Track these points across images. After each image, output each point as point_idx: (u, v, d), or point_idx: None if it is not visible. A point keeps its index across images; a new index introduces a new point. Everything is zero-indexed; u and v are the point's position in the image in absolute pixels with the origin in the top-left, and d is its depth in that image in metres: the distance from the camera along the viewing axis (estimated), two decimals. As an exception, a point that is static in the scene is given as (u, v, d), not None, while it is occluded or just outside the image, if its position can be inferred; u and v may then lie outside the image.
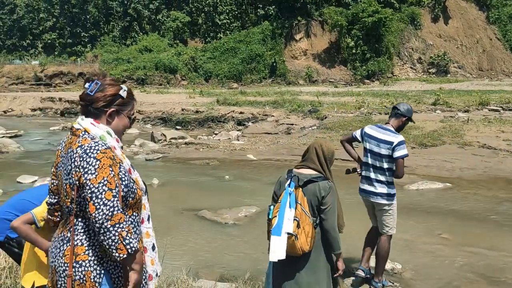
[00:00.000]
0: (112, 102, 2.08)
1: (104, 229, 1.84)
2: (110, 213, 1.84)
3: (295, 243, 2.96)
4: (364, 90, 27.47)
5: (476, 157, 11.02)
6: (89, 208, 1.85)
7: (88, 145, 1.93)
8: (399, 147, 4.29)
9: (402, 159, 4.30)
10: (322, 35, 45.10)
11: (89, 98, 2.04)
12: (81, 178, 1.89)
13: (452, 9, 46.91)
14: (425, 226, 6.64)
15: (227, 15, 48.18)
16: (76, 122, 2.05)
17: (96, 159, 1.90)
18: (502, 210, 7.39)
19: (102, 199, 1.85)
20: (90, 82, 2.05)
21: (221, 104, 19.79)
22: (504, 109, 16.77)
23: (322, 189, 3.08)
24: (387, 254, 4.66)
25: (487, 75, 44.41)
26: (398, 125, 4.51)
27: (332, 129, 15.01)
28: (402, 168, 4.33)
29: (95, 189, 1.85)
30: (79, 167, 1.90)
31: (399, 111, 4.50)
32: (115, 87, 2.10)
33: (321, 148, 3.24)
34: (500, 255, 5.55)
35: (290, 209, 3.02)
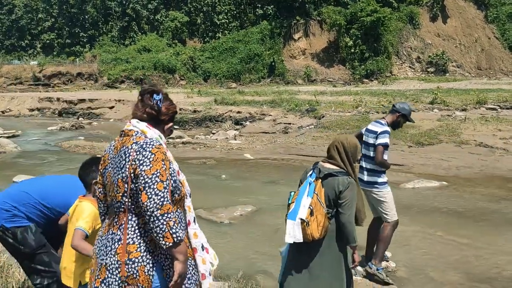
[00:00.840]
0: (172, 118, 2.31)
1: (154, 217, 1.97)
2: (160, 202, 1.98)
3: (306, 229, 3.14)
4: (362, 89, 27.47)
5: (473, 155, 11.03)
6: (142, 197, 1.99)
7: (144, 141, 2.10)
8: (381, 135, 4.63)
9: (382, 146, 4.60)
10: (321, 35, 45.07)
11: (159, 109, 2.22)
12: (136, 170, 2.03)
13: (450, 8, 46.90)
14: (420, 224, 6.63)
15: (225, 15, 48.15)
16: (129, 125, 2.21)
17: (151, 153, 2.05)
18: (498, 209, 7.38)
19: (154, 189, 1.99)
20: (157, 94, 2.22)
21: (219, 103, 19.78)
22: (502, 107, 16.77)
23: (340, 184, 3.22)
24: (387, 239, 4.80)
25: (486, 74, 44.40)
26: (393, 121, 4.83)
27: (330, 128, 15.00)
28: (380, 155, 4.60)
29: (148, 179, 1.99)
30: (135, 160, 2.05)
31: (394, 107, 4.87)
32: (174, 104, 2.32)
33: (342, 144, 3.35)
34: (494, 254, 5.54)
35: (307, 197, 3.21)
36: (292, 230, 3.19)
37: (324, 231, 3.23)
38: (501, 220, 6.80)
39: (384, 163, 4.71)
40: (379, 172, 4.75)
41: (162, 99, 2.22)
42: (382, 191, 4.74)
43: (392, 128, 4.94)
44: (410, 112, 4.93)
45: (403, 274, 5.08)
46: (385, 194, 4.75)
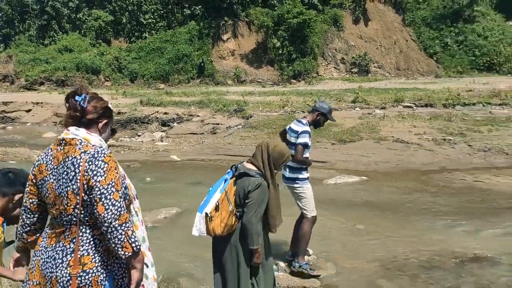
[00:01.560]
0: (103, 114, 2.22)
1: (112, 228, 1.96)
2: (118, 213, 1.96)
3: (209, 224, 3.22)
4: (290, 89, 28.07)
5: (390, 151, 11.61)
6: (98, 208, 1.96)
7: (94, 150, 2.06)
8: (302, 135, 4.78)
9: (302, 146, 4.75)
10: (249, 36, 45.42)
11: (82, 109, 2.15)
12: (90, 181, 1.98)
13: (371, 12, 49.16)
14: (341, 218, 6.86)
15: (152, 14, 47.05)
16: (69, 133, 2.12)
17: (104, 162, 2.02)
18: (412, 200, 7.83)
19: (111, 199, 1.96)
20: (79, 95, 2.16)
21: (145, 104, 19.26)
22: (417, 105, 17.80)
23: (251, 184, 3.23)
24: (307, 235, 4.92)
25: (404, 74, 46.98)
26: (313, 119, 4.98)
27: (257, 128, 15.13)
28: (299, 154, 4.75)
29: (104, 190, 1.96)
30: (88, 171, 2.00)
31: (314, 106, 5.06)
32: (103, 100, 2.25)
33: (267, 147, 3.39)
34: (407, 243, 5.86)
35: (219, 193, 3.29)
36: (198, 223, 3.27)
37: (227, 228, 3.25)
38: (413, 210, 7.22)
39: (304, 161, 4.86)
40: (300, 169, 4.89)
41: (86, 99, 2.16)
42: (302, 187, 4.88)
43: (314, 127, 5.08)
44: (330, 110, 5.06)
45: (324, 267, 5.22)
46: (305, 190, 4.88)
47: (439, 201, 7.65)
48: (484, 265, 5.09)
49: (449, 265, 5.10)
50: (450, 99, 17.95)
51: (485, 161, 10.49)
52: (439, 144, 11.90)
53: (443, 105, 17.42)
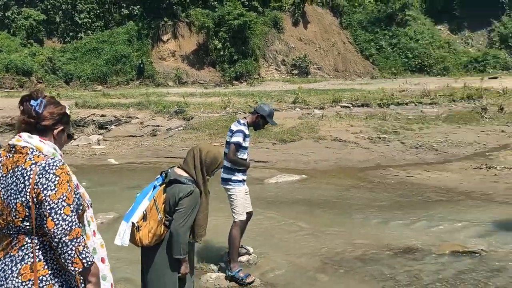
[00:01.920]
0: (59, 121, 2.12)
1: (62, 243, 1.90)
2: (68, 228, 1.91)
3: (136, 234, 3.06)
4: (231, 90, 28.12)
5: (329, 149, 11.93)
6: (48, 223, 1.90)
7: (45, 162, 1.96)
8: (235, 134, 4.76)
9: (234, 145, 4.72)
10: (190, 37, 44.96)
11: (38, 115, 2.04)
12: (40, 195, 1.91)
13: (310, 15, 50.30)
14: (282, 216, 6.93)
15: (88, 14, 45.31)
16: (20, 139, 2.02)
17: (55, 175, 1.94)
18: (349, 196, 8.07)
19: (61, 214, 1.91)
20: (35, 99, 2.05)
21: (80, 107, 18.49)
22: (354, 105, 18.43)
23: (182, 191, 3.09)
24: (236, 240, 4.84)
25: (342, 75, 48.46)
26: (253, 121, 4.96)
27: (199, 129, 15.01)
28: (231, 153, 4.73)
29: (54, 205, 1.90)
30: (38, 184, 1.92)
31: (255, 108, 5.04)
32: (60, 106, 2.15)
33: (200, 153, 3.25)
34: (345, 238, 6.02)
35: (147, 201, 3.12)
36: (122, 232, 3.08)
37: (155, 238, 3.11)
38: (350, 206, 7.44)
39: (236, 160, 4.78)
40: (234, 170, 4.84)
41: (42, 104, 2.05)
42: (234, 189, 4.83)
43: (254, 129, 5.11)
44: (271, 113, 4.98)
45: (265, 265, 5.24)
46: (236, 193, 4.83)
47: (374, 196, 7.95)
48: (416, 256, 5.33)
49: (383, 258, 5.29)
50: (385, 99, 18.74)
51: (417, 157, 11.04)
52: (375, 142, 12.38)
53: (378, 105, 18.15)
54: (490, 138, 12.90)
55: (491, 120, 15.37)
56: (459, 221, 6.43)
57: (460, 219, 6.53)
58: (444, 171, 9.55)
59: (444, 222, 6.44)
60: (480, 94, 19.37)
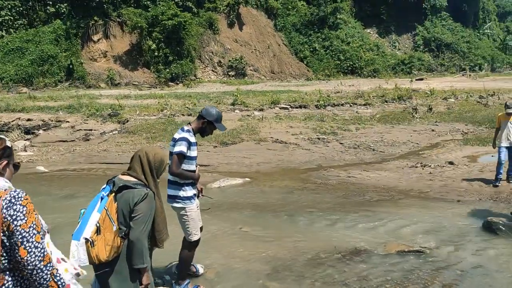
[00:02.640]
0: (2, 155, 2.15)
1: (37, 270, 1.99)
2: (41, 254, 2.00)
3: (91, 250, 2.83)
4: (168, 92, 27.45)
5: (271, 151, 11.89)
6: (20, 252, 1.96)
7: (10, 195, 2.02)
8: (178, 143, 4.17)
9: (177, 155, 4.13)
10: (122, 37, 43.48)
11: None
12: (10, 226, 1.97)
13: (245, 16, 50.51)
14: (227, 222, 6.74)
15: (9, 11, 42.43)
16: None
17: (22, 206, 2.01)
18: (293, 199, 8.03)
19: (33, 242, 1.99)
20: None
21: (4, 110, 17.15)
22: (292, 107, 18.62)
23: (136, 195, 2.92)
24: (188, 260, 4.53)
25: (278, 77, 49.12)
26: (198, 127, 4.37)
27: (135, 132, 14.43)
28: (174, 165, 4.12)
29: (26, 233, 1.98)
30: (6, 217, 1.97)
31: (200, 113, 4.41)
32: (0, 140, 2.15)
33: (146, 156, 3.11)
34: (293, 241, 5.94)
35: (97, 213, 2.90)
36: (75, 252, 2.83)
37: (113, 251, 2.87)
38: (296, 209, 7.39)
39: (182, 174, 4.19)
40: (182, 184, 4.24)
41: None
42: (185, 208, 4.25)
43: (201, 135, 4.54)
44: (219, 118, 4.44)
45: (213, 275, 5.03)
46: (188, 212, 4.26)
47: (318, 198, 7.96)
48: (364, 257, 5.35)
49: (333, 261, 5.26)
50: (321, 100, 19.10)
51: (356, 157, 11.28)
52: (314, 143, 12.52)
53: (316, 106, 18.47)
54: (422, 137, 13.50)
55: (421, 119, 16.13)
56: (401, 220, 6.58)
57: (402, 218, 6.68)
58: (382, 171, 9.81)
59: (387, 221, 6.56)
60: (409, 94, 20.31)
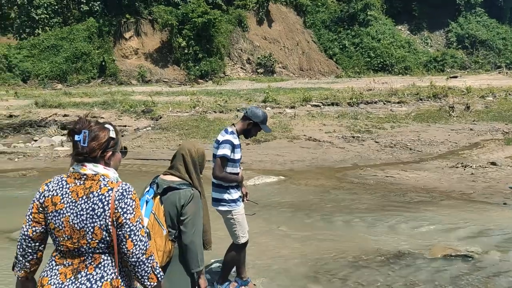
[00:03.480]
0: (107, 147, 2.18)
1: (140, 262, 2.11)
2: (144, 247, 2.12)
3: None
4: (198, 89, 27.61)
5: (304, 149, 11.75)
6: (127, 244, 2.08)
7: (122, 187, 2.12)
8: (221, 145, 4.01)
9: (220, 159, 3.98)
10: (153, 34, 44.02)
11: (85, 149, 2.10)
12: (120, 218, 2.07)
13: (274, 13, 50.32)
14: (264, 221, 6.65)
15: (45, 9, 43.52)
16: (85, 168, 2.12)
17: (132, 200, 2.12)
18: (330, 198, 7.87)
19: (139, 235, 2.11)
20: (78, 133, 2.09)
21: (41, 106, 17.56)
22: (324, 104, 18.38)
23: (182, 197, 2.83)
24: (234, 261, 4.39)
25: (307, 74, 48.78)
26: (243, 129, 4.20)
27: (168, 129, 14.53)
28: (217, 167, 3.99)
29: (133, 227, 2.09)
30: (118, 208, 2.07)
31: (246, 113, 4.21)
32: (104, 131, 2.17)
33: (190, 153, 3.01)
34: (333, 243, 5.80)
35: (147, 217, 2.76)
36: None
37: (166, 256, 2.79)
38: (333, 209, 7.24)
39: (226, 177, 4.04)
40: (226, 187, 4.10)
41: (86, 138, 2.10)
42: (231, 211, 4.11)
43: (244, 137, 4.36)
44: (265, 119, 4.24)
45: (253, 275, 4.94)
46: (234, 215, 4.12)
47: (356, 198, 7.79)
48: (408, 261, 5.16)
49: (376, 264, 5.10)
50: (354, 98, 18.79)
51: (392, 156, 11.01)
52: (349, 141, 12.30)
53: (348, 103, 18.18)
54: (460, 137, 13.09)
55: (458, 118, 15.66)
56: (446, 222, 6.35)
57: (446, 220, 6.44)
58: (421, 171, 9.53)
59: (430, 224, 6.34)
60: (445, 92, 19.76)
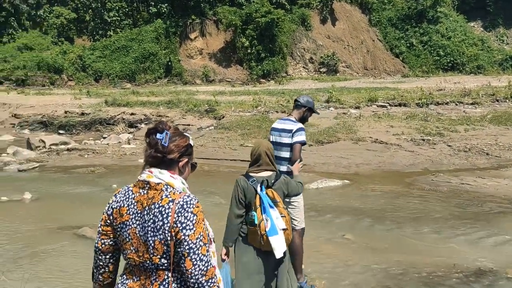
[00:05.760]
0: (185, 153, 2.12)
1: (198, 284, 1.95)
2: (205, 268, 1.94)
3: (288, 235, 3.41)
4: (261, 89, 27.58)
5: (370, 152, 11.23)
6: (186, 263, 1.93)
7: (183, 199, 1.96)
8: (297, 133, 4.38)
9: (300, 144, 4.37)
10: (217, 35, 44.72)
11: (164, 149, 2.03)
12: (178, 234, 1.92)
13: (338, 12, 49.36)
14: (328, 227, 6.35)
15: (117, 12, 45.58)
16: (152, 175, 2.01)
17: (193, 214, 1.95)
18: (399, 205, 7.40)
19: (199, 254, 1.93)
20: (160, 132, 2.04)
21: (110, 105, 18.27)
22: (391, 105, 17.63)
23: (284, 182, 3.57)
24: (300, 249, 4.46)
25: (372, 73, 47.43)
26: (300, 116, 4.64)
27: (230, 128, 14.53)
28: (298, 153, 4.36)
29: (192, 244, 1.92)
30: (177, 223, 1.93)
31: (299, 102, 4.66)
32: (184, 137, 2.13)
33: (269, 150, 3.58)
34: (405, 255, 5.39)
35: (273, 209, 3.33)
36: (277, 244, 3.27)
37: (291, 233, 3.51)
38: (403, 217, 6.78)
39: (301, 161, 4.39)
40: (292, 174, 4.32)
41: (167, 137, 2.04)
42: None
43: (301, 123, 4.66)
44: (314, 104, 4.82)
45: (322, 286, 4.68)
46: (298, 199, 4.40)
47: (428, 206, 7.26)
48: (491, 280, 4.66)
49: (453, 282, 4.64)
50: (423, 98, 17.86)
51: (467, 162, 10.25)
52: (419, 144, 11.62)
53: (417, 104, 17.32)
54: (544, 142, 11.96)
55: (542, 122, 14.35)
56: (533, 238, 5.71)
57: (533, 235, 5.80)
58: (501, 178, 8.75)
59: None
60: (526, 93, 18.28)
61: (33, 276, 4.84)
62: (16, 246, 5.83)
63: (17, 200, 7.94)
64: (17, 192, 8.32)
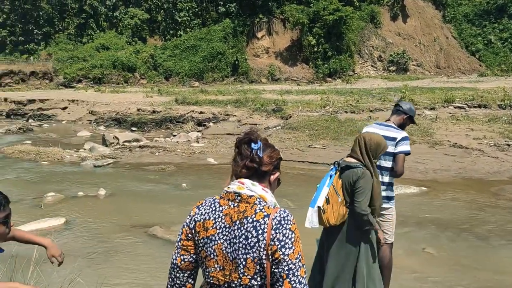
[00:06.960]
0: (277, 166, 1.99)
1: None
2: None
3: (322, 216, 3.46)
4: (328, 88, 27.01)
5: (448, 157, 10.52)
6: (284, 286, 1.77)
7: (280, 215, 1.81)
8: (402, 142, 4.08)
9: (404, 154, 4.05)
10: (284, 33, 44.57)
11: (260, 160, 1.90)
12: (276, 253, 1.76)
13: (410, 8, 47.44)
14: (406, 239, 5.93)
15: (187, 12, 46.84)
16: (243, 187, 1.87)
17: (291, 231, 1.79)
18: (485, 218, 6.80)
19: (298, 276, 1.78)
20: (255, 143, 1.91)
21: (180, 103, 18.68)
22: (469, 106, 16.51)
23: (354, 174, 3.51)
24: (389, 262, 4.20)
25: (445, 72, 45.13)
26: (399, 123, 4.31)
27: (298, 129, 14.28)
28: (402, 164, 4.05)
29: (292, 265, 1.77)
30: (275, 240, 1.76)
31: (401, 108, 4.31)
32: (276, 150, 2.03)
33: (364, 139, 3.60)
34: (498, 277, 4.88)
35: (326, 188, 3.52)
36: (310, 216, 3.47)
37: (340, 218, 3.50)
38: (491, 232, 6.19)
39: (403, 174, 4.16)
40: (392, 185, 4.15)
41: (261, 148, 1.91)
42: (391, 207, 4.15)
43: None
44: (415, 112, 4.43)
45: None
46: (391, 212, 4.16)
47: (519, 219, 6.60)
48: None
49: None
50: (507, 99, 16.56)
51: (562, 171, 9.28)
52: (503, 150, 10.72)
53: (499, 106, 16.09)
54: None
55: None
56: None
57: None
58: None
59: None
60: None
61: (107, 278, 4.89)
62: (91, 243, 5.98)
63: (92, 196, 8.22)
64: (93, 188, 8.63)
